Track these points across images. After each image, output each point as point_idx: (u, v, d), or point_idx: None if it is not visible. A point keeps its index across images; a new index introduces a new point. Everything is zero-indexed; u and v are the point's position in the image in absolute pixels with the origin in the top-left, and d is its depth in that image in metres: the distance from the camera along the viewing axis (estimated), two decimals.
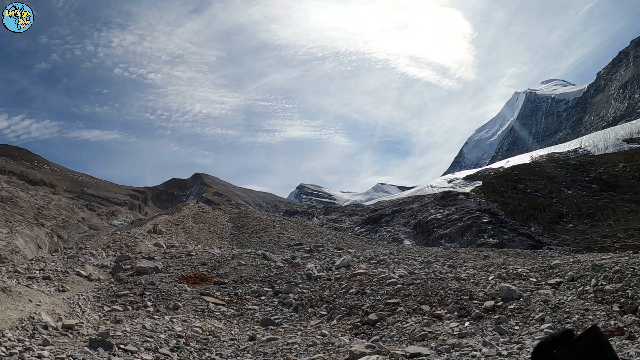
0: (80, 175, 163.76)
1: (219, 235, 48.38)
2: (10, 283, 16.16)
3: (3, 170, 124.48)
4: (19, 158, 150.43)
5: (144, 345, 11.30)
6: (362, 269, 19.32)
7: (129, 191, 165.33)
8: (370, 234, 72.69)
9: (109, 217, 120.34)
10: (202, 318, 15.41)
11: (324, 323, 14.35)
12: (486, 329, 10.93)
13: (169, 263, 23.05)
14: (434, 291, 14.62)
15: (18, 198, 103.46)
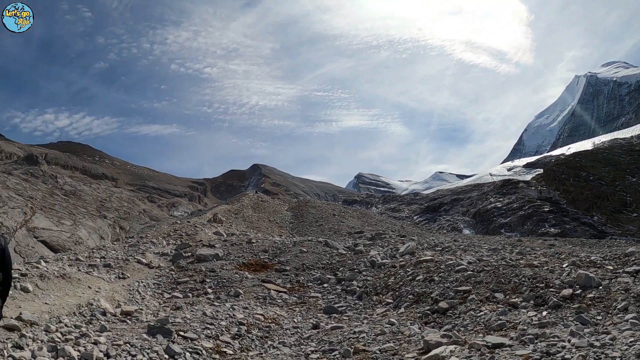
0: (141, 169, 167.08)
1: (279, 224, 48.26)
2: (70, 270, 16.01)
3: (66, 166, 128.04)
4: (81, 154, 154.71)
5: (204, 333, 10.85)
6: (427, 256, 18.54)
7: (188, 183, 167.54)
8: (429, 222, 71.59)
9: (170, 208, 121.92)
10: (263, 305, 14.92)
11: (391, 311, 13.66)
12: (567, 319, 10.08)
13: (229, 250, 22.71)
14: (507, 278, 13.76)
15: (81, 192, 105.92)
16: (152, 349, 9.29)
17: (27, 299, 11.90)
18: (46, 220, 74.96)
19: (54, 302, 12.23)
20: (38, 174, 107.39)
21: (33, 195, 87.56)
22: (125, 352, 9.05)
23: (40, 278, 13.60)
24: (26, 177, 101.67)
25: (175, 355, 9.18)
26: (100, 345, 9.08)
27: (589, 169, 70.43)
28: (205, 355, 9.61)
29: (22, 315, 10.05)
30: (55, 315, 11.02)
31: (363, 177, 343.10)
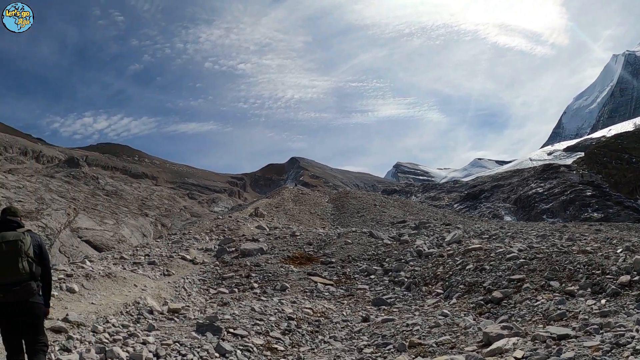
0: (180, 167, 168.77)
1: (320, 216, 48.04)
2: (115, 269, 15.98)
3: (107, 167, 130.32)
4: (121, 154, 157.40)
5: (254, 329, 10.61)
6: (475, 244, 18.10)
7: (227, 178, 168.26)
8: (469, 210, 70.90)
9: (210, 204, 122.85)
10: (311, 299, 14.69)
11: (442, 302, 13.29)
12: (627, 307, 9.60)
13: (273, 244, 22.54)
14: (561, 265, 13.27)
15: (122, 191, 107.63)
16: (202, 347, 9.09)
17: (73, 300, 11.84)
18: (89, 221, 75.96)
19: (100, 302, 12.17)
20: (80, 176, 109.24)
21: (75, 196, 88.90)
22: (175, 351, 8.87)
23: (86, 278, 13.57)
24: (68, 180, 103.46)
25: (226, 354, 8.94)
26: (149, 345, 8.93)
27: (632, 150, 68.87)
28: (256, 353, 9.38)
29: (69, 317, 9.96)
30: (102, 315, 10.95)
31: (402, 166, 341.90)
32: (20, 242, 6.01)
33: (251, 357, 9.17)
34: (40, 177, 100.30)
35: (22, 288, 5.86)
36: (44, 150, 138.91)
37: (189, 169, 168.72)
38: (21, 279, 5.87)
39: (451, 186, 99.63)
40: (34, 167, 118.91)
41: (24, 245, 6.01)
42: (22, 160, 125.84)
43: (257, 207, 44.52)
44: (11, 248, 5.93)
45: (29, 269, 5.95)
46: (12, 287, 5.80)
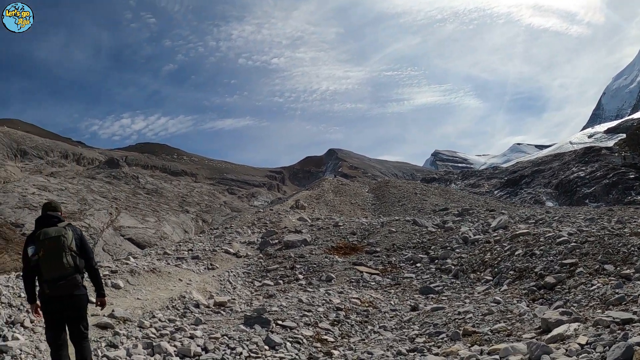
0: (219, 163, 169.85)
1: (361, 206, 47.80)
2: (159, 264, 16.03)
3: (146, 166, 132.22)
4: (160, 153, 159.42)
5: (302, 320, 10.46)
6: (522, 229, 17.67)
7: (266, 173, 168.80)
8: (510, 196, 69.84)
9: (249, 198, 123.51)
10: (357, 289, 14.48)
11: (492, 289, 12.95)
12: None
13: (317, 235, 22.40)
14: (615, 249, 12.83)
15: (162, 189, 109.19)
16: (251, 340, 8.96)
17: (119, 296, 11.91)
18: (131, 219, 77.01)
19: (146, 297, 12.19)
20: (120, 176, 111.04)
21: (117, 196, 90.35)
22: (224, 345, 8.76)
23: (131, 274, 13.64)
24: (109, 180, 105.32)
25: (276, 346, 8.79)
26: (197, 339, 8.82)
27: None
28: (306, 344, 9.20)
29: (115, 312, 9.97)
30: (148, 311, 10.95)
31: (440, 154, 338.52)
32: (62, 237, 6.10)
33: (301, 348, 8.98)
34: (82, 178, 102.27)
35: (67, 282, 5.97)
36: (84, 153, 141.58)
37: (228, 165, 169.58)
38: (66, 273, 5.97)
39: (491, 173, 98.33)
40: (75, 170, 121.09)
41: (66, 240, 6.11)
42: (64, 163, 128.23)
43: (298, 199, 44.41)
44: (54, 244, 6.01)
45: (73, 263, 6.07)
46: (58, 281, 5.91)
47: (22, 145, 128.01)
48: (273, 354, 8.48)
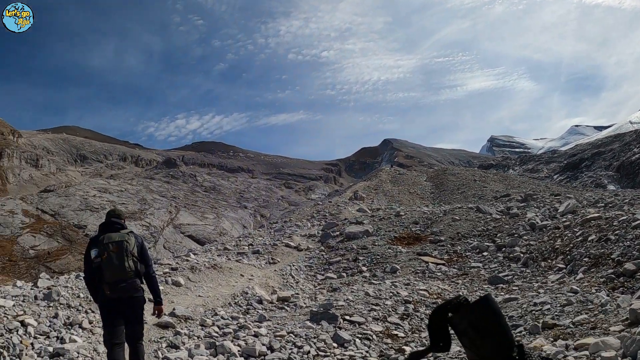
0: (275, 158, 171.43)
1: (420, 195, 47.32)
2: (220, 260, 15.89)
3: (203, 164, 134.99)
4: (216, 151, 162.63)
5: (371, 315, 10.02)
6: (593, 214, 16.86)
7: (322, 166, 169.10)
8: (570, 180, 68.33)
9: (307, 192, 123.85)
10: (424, 280, 14.01)
11: (567, 278, 12.28)
12: None
13: (379, 225, 21.94)
14: None
15: (220, 186, 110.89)
16: (318, 337, 8.60)
17: (180, 293, 11.78)
18: (190, 216, 78.05)
19: (207, 294, 12.04)
20: (178, 175, 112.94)
21: (175, 194, 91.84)
22: (290, 343, 8.44)
23: (191, 270, 13.52)
24: (167, 180, 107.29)
25: (345, 343, 8.40)
26: (262, 338, 8.53)
27: None
28: (376, 341, 8.78)
29: (176, 311, 9.84)
30: (210, 308, 10.79)
31: (496, 139, 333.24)
32: (126, 242, 6.27)
33: (371, 345, 8.54)
34: (141, 179, 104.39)
35: (127, 285, 6.15)
36: (142, 155, 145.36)
37: (284, 159, 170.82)
38: (127, 276, 6.15)
39: (549, 157, 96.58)
40: (134, 171, 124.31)
41: (129, 245, 6.27)
42: (122, 165, 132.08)
43: (356, 190, 44.12)
44: (117, 248, 6.19)
45: (134, 267, 6.22)
46: (119, 284, 6.09)
47: (81, 150, 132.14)
48: (342, 352, 8.09)
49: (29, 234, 62.56)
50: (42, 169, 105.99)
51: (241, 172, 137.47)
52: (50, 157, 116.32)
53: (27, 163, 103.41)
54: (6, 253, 57.25)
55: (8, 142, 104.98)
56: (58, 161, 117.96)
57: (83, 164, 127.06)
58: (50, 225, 66.05)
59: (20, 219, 66.42)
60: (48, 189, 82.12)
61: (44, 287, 10.27)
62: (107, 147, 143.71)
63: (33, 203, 72.56)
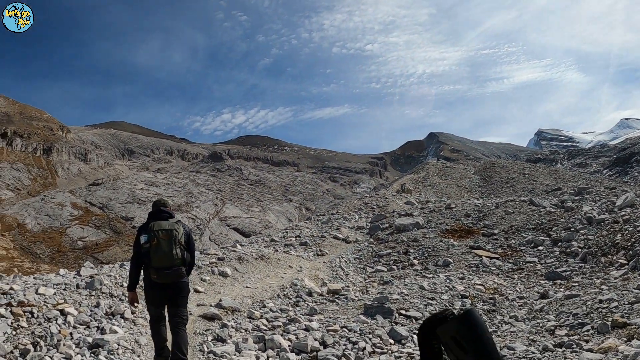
0: (320, 151, 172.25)
1: (468, 189, 46.90)
2: (267, 251, 15.67)
3: (248, 158, 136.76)
4: (261, 145, 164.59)
5: (427, 310, 9.62)
6: None
7: (367, 159, 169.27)
8: (620, 175, 66.70)
9: (352, 185, 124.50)
10: (478, 274, 13.54)
11: (631, 274, 11.70)
12: None
13: (429, 218, 21.44)
14: None
15: (266, 179, 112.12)
16: (373, 332, 8.21)
17: (226, 284, 11.64)
18: (236, 209, 78.69)
19: (255, 285, 11.84)
20: (224, 169, 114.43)
21: (221, 188, 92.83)
22: (344, 338, 8.05)
23: (239, 261, 13.37)
24: (213, 173, 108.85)
25: (402, 340, 7.98)
26: (314, 332, 8.16)
27: None
28: None
29: (222, 302, 9.63)
30: (258, 300, 10.56)
31: (544, 133, 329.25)
32: (175, 230, 6.49)
33: None
34: (187, 173, 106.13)
35: (173, 272, 6.35)
36: (188, 149, 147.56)
37: (329, 153, 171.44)
38: (174, 263, 6.35)
39: (598, 151, 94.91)
40: (180, 165, 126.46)
41: (177, 234, 6.48)
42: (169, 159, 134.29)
43: (404, 183, 43.77)
44: (167, 236, 6.40)
45: (181, 255, 6.42)
46: (166, 270, 6.31)
47: (128, 145, 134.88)
48: (400, 349, 7.63)
49: (77, 225, 64.26)
50: (91, 163, 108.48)
51: (286, 165, 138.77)
52: (99, 151, 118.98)
53: (75, 157, 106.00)
54: (55, 244, 58.88)
55: (57, 138, 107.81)
56: (106, 155, 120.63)
57: (130, 158, 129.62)
58: (98, 217, 67.59)
59: (69, 212, 68.20)
60: (96, 183, 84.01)
61: (87, 275, 10.27)
62: (154, 142, 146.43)
63: (82, 196, 74.33)
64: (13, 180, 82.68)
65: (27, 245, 59.20)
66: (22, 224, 64.74)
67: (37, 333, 6.90)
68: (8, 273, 48.05)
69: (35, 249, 58.52)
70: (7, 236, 60.68)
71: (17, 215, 67.22)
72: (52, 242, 60.18)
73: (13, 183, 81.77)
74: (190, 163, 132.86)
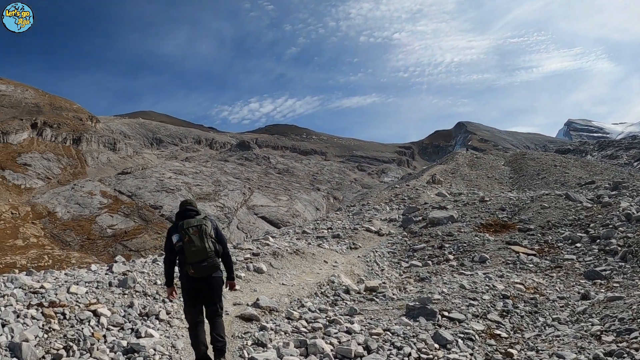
0: (348, 140, 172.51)
1: (498, 180, 46.43)
2: (301, 245, 15.49)
3: (276, 147, 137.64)
4: (289, 134, 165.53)
5: (469, 311, 9.25)
6: None
7: (395, 148, 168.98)
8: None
9: (379, 175, 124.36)
10: (515, 272, 13.22)
11: None
12: None
13: (463, 211, 21.11)
14: None
15: (293, 168, 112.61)
16: (417, 336, 7.85)
17: (262, 281, 11.46)
18: (264, 198, 79.04)
19: (291, 282, 11.65)
20: (251, 158, 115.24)
21: (249, 177, 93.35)
22: (388, 342, 7.69)
23: (274, 256, 13.23)
24: (241, 162, 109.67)
25: (447, 344, 7.63)
26: (357, 336, 7.83)
27: None
28: (479, 342, 7.95)
29: (260, 302, 9.44)
30: (295, 298, 10.33)
31: (574, 123, 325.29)
32: (204, 225, 6.75)
33: (474, 347, 7.74)
34: (215, 161, 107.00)
35: (208, 264, 6.57)
36: (216, 138, 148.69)
37: (357, 142, 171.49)
38: (208, 256, 6.57)
39: (629, 142, 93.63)
40: (208, 154, 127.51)
41: (207, 228, 6.75)
42: (197, 148, 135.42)
43: (434, 173, 43.43)
44: (197, 231, 6.66)
45: (213, 247, 6.67)
46: (201, 263, 6.53)
47: (157, 134, 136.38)
48: (445, 354, 7.30)
49: (106, 213, 65.27)
50: (120, 152, 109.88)
51: (314, 154, 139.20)
52: (127, 140, 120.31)
53: (105, 147, 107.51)
54: (85, 232, 59.93)
55: (86, 127, 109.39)
56: (135, 144, 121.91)
57: (159, 147, 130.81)
58: (127, 205, 68.46)
59: (99, 200, 69.29)
60: (125, 171, 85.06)
61: (120, 272, 10.09)
62: (182, 131, 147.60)
63: (111, 185, 75.43)
64: (43, 169, 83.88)
65: (57, 233, 60.30)
66: (52, 212, 65.94)
67: (70, 336, 6.79)
68: (39, 260, 49.11)
69: (65, 236, 59.58)
70: (38, 224, 61.91)
71: (48, 203, 68.45)
72: (81, 230, 61.24)
73: (43, 172, 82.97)
74: (218, 152, 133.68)
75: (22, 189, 75.27)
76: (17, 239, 55.40)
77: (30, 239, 56.05)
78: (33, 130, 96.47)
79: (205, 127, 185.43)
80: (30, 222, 61.82)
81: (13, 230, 57.97)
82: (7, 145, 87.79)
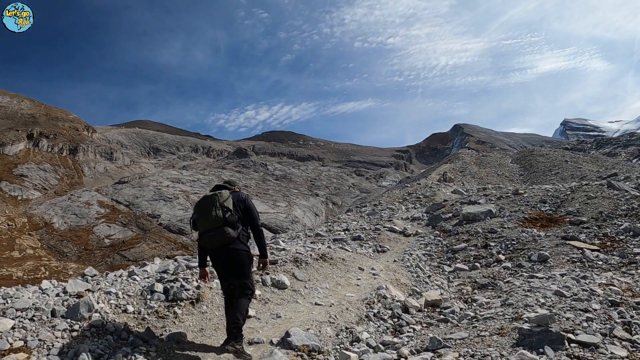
0: (345, 146, 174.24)
1: (508, 177, 45.50)
2: (324, 248, 12.61)
3: (273, 153, 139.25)
4: (286, 140, 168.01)
5: (593, 328, 6.00)
6: None
7: (392, 152, 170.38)
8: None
9: (377, 179, 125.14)
10: (589, 271, 11.04)
11: None
12: None
13: (500, 205, 18.90)
14: None
15: (291, 174, 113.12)
16: None
17: (287, 300, 8.39)
18: (262, 205, 78.13)
19: (328, 301, 8.48)
20: (249, 165, 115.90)
21: (247, 183, 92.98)
22: None
23: (296, 264, 10.01)
24: (239, 169, 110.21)
25: None
26: None
27: None
28: None
29: (292, 338, 6.35)
30: (341, 327, 7.19)
31: (569, 123, 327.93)
32: (216, 195, 6.32)
33: None
34: (213, 169, 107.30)
35: (215, 233, 6.09)
36: (213, 145, 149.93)
37: (354, 147, 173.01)
38: (214, 224, 6.10)
39: (627, 140, 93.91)
40: (205, 162, 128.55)
41: (219, 198, 6.27)
42: (194, 156, 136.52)
43: (444, 172, 41.99)
44: (207, 202, 6.28)
45: (222, 215, 6.14)
46: (208, 232, 6.14)
47: (154, 143, 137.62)
48: None
49: (104, 223, 65.89)
50: (116, 162, 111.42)
51: (311, 160, 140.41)
52: (124, 150, 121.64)
53: (101, 156, 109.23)
54: (82, 242, 60.73)
55: (83, 138, 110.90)
56: (131, 154, 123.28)
57: (156, 156, 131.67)
58: (124, 215, 68.80)
59: (96, 210, 69.74)
60: (122, 181, 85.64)
61: (74, 292, 6.73)
62: (179, 139, 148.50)
63: (108, 194, 75.92)
64: (40, 180, 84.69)
65: (54, 244, 60.13)
66: (49, 223, 65.91)
67: None
68: (36, 272, 47.98)
69: (62, 247, 59.39)
70: (34, 235, 61.90)
71: (45, 214, 68.68)
72: (79, 241, 61.04)
73: (40, 183, 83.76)
74: (215, 160, 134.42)
75: (18, 200, 75.64)
76: (14, 251, 55.35)
77: (27, 251, 56.01)
78: (29, 141, 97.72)
79: (202, 136, 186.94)
80: (27, 234, 61.93)
81: (9, 241, 57.87)
82: (3, 156, 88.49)
